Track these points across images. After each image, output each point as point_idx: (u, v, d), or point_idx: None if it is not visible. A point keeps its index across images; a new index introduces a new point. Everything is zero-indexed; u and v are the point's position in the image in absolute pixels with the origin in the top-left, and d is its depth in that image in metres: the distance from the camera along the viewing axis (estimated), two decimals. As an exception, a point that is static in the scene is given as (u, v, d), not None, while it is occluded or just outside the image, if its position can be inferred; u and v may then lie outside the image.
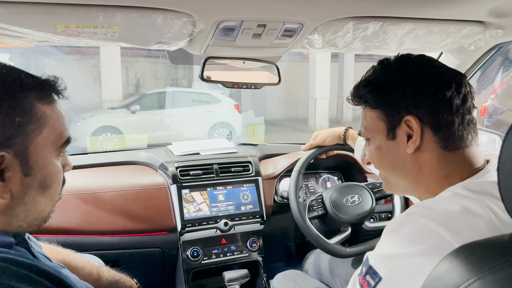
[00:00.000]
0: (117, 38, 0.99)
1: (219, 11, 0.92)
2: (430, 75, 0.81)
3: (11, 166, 0.66)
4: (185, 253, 1.58)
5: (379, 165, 0.89)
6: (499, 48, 1.27)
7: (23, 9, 0.83)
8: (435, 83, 0.79)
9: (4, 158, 0.64)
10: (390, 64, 0.86)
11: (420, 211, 0.73)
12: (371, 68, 0.89)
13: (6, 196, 0.66)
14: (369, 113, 0.87)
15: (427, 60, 0.85)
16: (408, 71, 0.82)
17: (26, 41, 0.99)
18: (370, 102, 0.85)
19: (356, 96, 0.89)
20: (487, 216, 0.69)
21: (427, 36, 1.12)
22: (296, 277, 1.46)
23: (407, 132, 0.80)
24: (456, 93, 0.79)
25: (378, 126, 0.85)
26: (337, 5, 0.94)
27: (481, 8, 0.99)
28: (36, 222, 0.74)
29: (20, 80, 0.69)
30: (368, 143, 0.90)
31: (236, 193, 1.66)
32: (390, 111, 0.82)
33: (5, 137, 0.65)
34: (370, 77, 0.87)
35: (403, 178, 0.85)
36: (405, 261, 0.68)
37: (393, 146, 0.83)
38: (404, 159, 0.82)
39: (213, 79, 1.32)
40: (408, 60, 0.85)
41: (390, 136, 0.83)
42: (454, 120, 0.79)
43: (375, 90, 0.84)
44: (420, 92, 0.79)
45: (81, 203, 1.50)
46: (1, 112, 0.65)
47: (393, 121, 0.82)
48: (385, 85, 0.83)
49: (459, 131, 0.79)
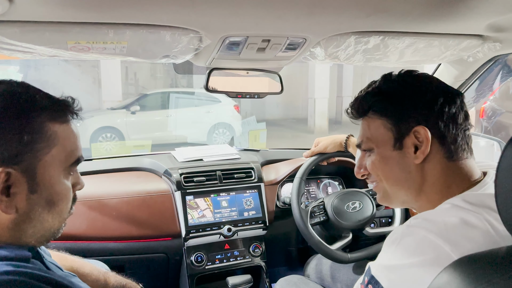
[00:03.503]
0: (126, 53, 1.01)
1: (225, 28, 0.95)
2: (438, 90, 0.84)
3: (18, 183, 0.67)
4: (189, 259, 1.61)
5: (382, 177, 0.88)
6: (496, 59, 1.30)
7: (36, 28, 0.85)
8: (443, 98, 0.82)
9: (10, 174, 0.66)
10: (397, 77, 0.87)
11: (420, 223, 0.75)
12: (372, 82, 0.90)
13: (11, 211, 0.68)
14: (374, 123, 0.86)
15: (432, 77, 0.89)
16: (418, 85, 0.85)
17: (37, 55, 1.01)
18: (377, 109, 0.85)
19: (359, 106, 0.89)
20: (485, 228, 0.71)
21: (427, 49, 1.15)
22: (298, 282, 1.49)
23: (414, 142, 0.81)
24: (460, 110, 0.83)
25: (384, 136, 0.85)
26: (340, 22, 0.96)
27: (480, 23, 1.01)
28: (44, 239, 0.75)
29: (33, 99, 0.71)
30: (368, 155, 0.89)
31: (239, 199, 1.69)
32: (398, 121, 0.83)
33: (13, 154, 0.67)
34: (378, 87, 0.88)
35: (406, 189, 0.85)
36: (405, 272, 0.71)
37: (399, 157, 0.84)
38: (409, 170, 0.83)
39: (217, 89, 1.34)
40: (415, 75, 0.88)
41: (397, 146, 0.83)
42: (458, 133, 0.82)
43: (385, 99, 0.85)
44: (430, 104, 0.82)
45: (87, 210, 1.52)
46: (11, 130, 0.67)
47: (401, 131, 0.83)
48: (396, 94, 0.84)
49: (463, 144, 0.82)
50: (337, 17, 0.93)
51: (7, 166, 0.66)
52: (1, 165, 0.66)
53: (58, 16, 0.84)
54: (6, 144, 0.66)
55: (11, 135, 0.67)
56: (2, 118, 0.67)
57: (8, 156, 0.66)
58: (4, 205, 0.67)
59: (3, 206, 0.66)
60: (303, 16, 0.89)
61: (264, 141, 2.98)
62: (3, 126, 0.66)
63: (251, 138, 3.05)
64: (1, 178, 0.65)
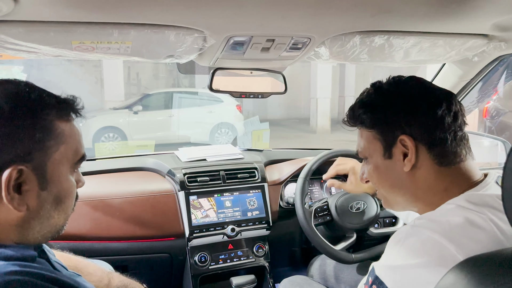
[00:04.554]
0: (130, 53, 1.02)
1: (229, 28, 0.95)
2: (421, 95, 0.84)
3: (29, 180, 0.68)
4: (193, 259, 1.61)
5: (378, 184, 0.91)
6: (501, 59, 1.29)
7: (41, 28, 0.85)
8: (426, 102, 0.82)
9: (23, 172, 0.67)
10: (382, 86, 0.88)
11: (424, 223, 0.75)
12: (365, 91, 0.91)
13: (22, 209, 0.68)
14: (365, 133, 0.89)
15: (418, 81, 0.89)
16: (399, 92, 0.86)
17: (41, 55, 1.01)
18: (365, 122, 0.88)
19: (351, 117, 0.92)
20: (489, 228, 0.71)
21: (432, 49, 1.15)
22: (302, 283, 1.49)
23: (402, 151, 0.83)
24: (447, 111, 0.82)
25: (374, 146, 0.87)
26: (344, 21, 0.96)
27: (485, 23, 1.01)
28: (49, 235, 0.76)
29: (41, 98, 0.72)
30: (366, 163, 0.93)
31: (243, 199, 1.69)
32: (385, 131, 0.85)
33: (25, 151, 0.67)
34: (364, 99, 0.90)
35: (402, 195, 0.87)
36: (410, 272, 0.71)
37: (390, 165, 0.86)
38: (401, 177, 0.84)
39: (221, 89, 1.34)
40: (399, 82, 0.88)
41: (386, 156, 0.85)
42: (447, 137, 0.81)
43: (370, 111, 0.87)
44: (412, 112, 0.82)
45: (90, 210, 1.52)
46: (23, 128, 0.67)
47: (388, 141, 0.84)
48: (378, 106, 0.86)
49: (453, 147, 0.82)
50: (342, 17, 0.93)
51: (19, 164, 0.66)
52: (14, 163, 0.66)
53: (63, 16, 0.84)
54: (19, 142, 0.67)
55: (23, 133, 0.67)
56: (14, 117, 0.67)
57: (20, 154, 0.67)
58: (16, 202, 0.67)
59: (15, 204, 0.67)
60: (307, 16, 0.89)
61: (267, 141, 2.97)
62: (16, 124, 0.67)
63: (254, 138, 3.04)
64: (13, 175, 0.66)
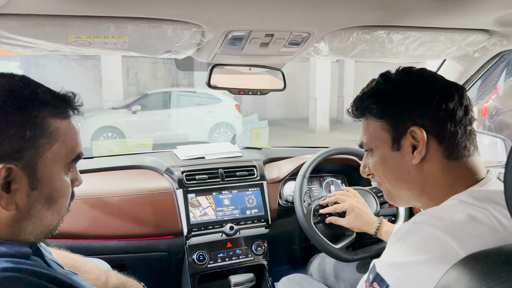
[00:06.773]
0: (127, 48, 1.00)
1: (228, 22, 0.94)
2: (434, 87, 0.82)
3: (18, 179, 0.66)
4: (191, 257, 1.60)
5: (383, 177, 0.89)
6: (502, 55, 1.29)
7: (37, 22, 0.84)
8: (439, 94, 0.81)
9: (11, 170, 0.65)
10: (392, 76, 0.87)
11: (426, 220, 0.74)
12: (372, 81, 0.89)
13: (11, 208, 0.66)
14: (372, 124, 0.87)
15: (429, 73, 0.87)
16: (412, 83, 0.83)
17: (37, 50, 1.00)
18: (374, 112, 0.86)
19: (358, 107, 0.90)
20: (492, 224, 0.70)
21: (433, 44, 1.14)
22: (301, 281, 1.48)
23: (412, 143, 0.81)
24: (458, 105, 0.81)
25: (382, 137, 0.85)
26: (344, 16, 0.95)
27: (487, 18, 1.00)
28: (42, 235, 0.74)
29: (35, 94, 0.70)
30: (370, 155, 0.90)
31: (241, 197, 1.68)
32: (395, 122, 0.83)
33: (15, 149, 0.65)
34: (374, 88, 0.88)
35: (408, 189, 0.85)
36: (412, 269, 0.70)
37: (398, 157, 0.84)
38: (409, 170, 0.83)
39: (219, 86, 1.33)
40: (411, 72, 0.86)
41: (395, 147, 0.84)
42: (457, 130, 0.80)
43: (381, 101, 0.85)
44: (425, 103, 0.81)
45: (88, 208, 1.51)
46: (13, 125, 0.65)
47: (398, 132, 0.83)
48: (390, 95, 0.84)
49: (463, 141, 0.80)
50: (341, 12, 0.92)
51: (8, 162, 0.65)
52: (2, 160, 0.64)
53: (59, 9, 0.83)
54: (8, 139, 0.65)
55: (13, 130, 0.65)
56: (4, 113, 0.65)
57: (9, 152, 0.65)
58: (4, 201, 0.65)
59: (3, 203, 0.65)
60: (307, 10, 0.88)
61: (266, 140, 2.96)
62: (5, 121, 0.65)
63: (253, 136, 3.03)
64: (2, 173, 0.64)
